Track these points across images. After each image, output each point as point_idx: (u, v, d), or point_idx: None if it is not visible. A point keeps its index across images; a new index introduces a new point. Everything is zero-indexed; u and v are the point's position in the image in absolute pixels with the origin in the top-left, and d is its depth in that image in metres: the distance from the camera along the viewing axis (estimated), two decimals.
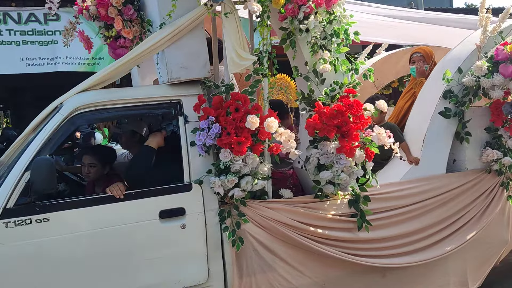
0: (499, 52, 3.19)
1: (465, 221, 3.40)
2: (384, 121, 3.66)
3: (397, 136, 3.51)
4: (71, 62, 8.99)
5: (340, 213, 3.00)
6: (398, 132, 3.53)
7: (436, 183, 3.32)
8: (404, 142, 3.46)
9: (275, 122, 2.45)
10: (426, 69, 3.87)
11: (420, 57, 3.95)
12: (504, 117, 3.35)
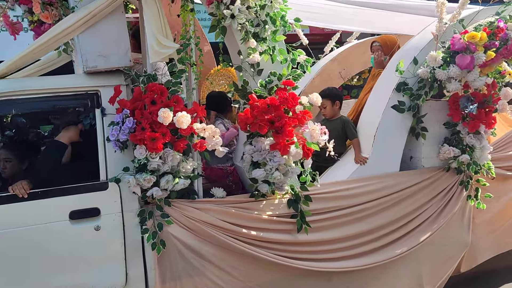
0: (455, 41, 2.96)
1: (419, 222, 3.20)
2: (338, 115, 3.44)
3: (350, 131, 3.31)
4: None
5: (277, 213, 2.80)
6: (351, 127, 3.32)
7: (387, 181, 3.11)
8: (356, 138, 3.25)
9: (186, 117, 2.23)
10: (385, 60, 3.63)
11: (379, 47, 3.72)
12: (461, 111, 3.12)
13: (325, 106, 3.38)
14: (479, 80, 3.01)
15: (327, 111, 3.41)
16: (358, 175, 3.09)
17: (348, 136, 3.31)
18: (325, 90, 3.51)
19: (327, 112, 3.41)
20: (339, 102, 3.42)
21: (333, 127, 3.35)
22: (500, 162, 3.54)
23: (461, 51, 2.96)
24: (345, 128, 3.31)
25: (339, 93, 3.52)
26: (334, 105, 3.39)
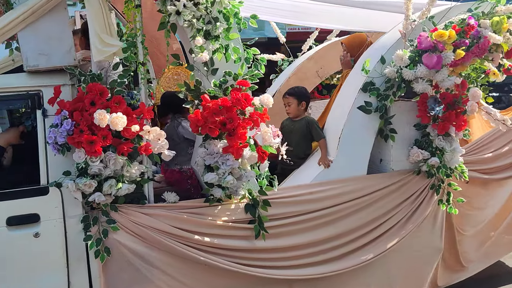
0: (422, 39, 2.83)
1: (388, 227, 3.08)
2: (303, 115, 3.32)
3: (315, 132, 3.19)
4: None
5: (234, 219, 2.68)
6: (317, 127, 3.20)
7: (353, 185, 2.99)
8: (323, 139, 3.13)
9: (121, 118, 2.12)
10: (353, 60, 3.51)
11: (344, 48, 3.60)
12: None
13: (290, 104, 3.27)
14: (448, 80, 2.88)
15: (291, 109, 3.29)
16: (322, 179, 2.97)
17: (314, 137, 3.19)
18: (293, 88, 3.40)
19: (291, 110, 3.29)
20: (305, 103, 3.30)
21: (297, 128, 3.24)
22: (476, 165, 3.42)
23: (429, 50, 2.84)
24: (310, 129, 3.19)
25: (307, 94, 3.40)
26: (300, 105, 3.27)
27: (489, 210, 3.71)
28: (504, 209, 3.76)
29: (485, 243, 3.76)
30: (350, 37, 3.73)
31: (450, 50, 2.82)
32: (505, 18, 2.95)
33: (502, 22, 2.94)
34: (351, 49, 3.55)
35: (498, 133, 3.47)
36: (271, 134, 2.42)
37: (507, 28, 2.99)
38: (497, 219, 3.78)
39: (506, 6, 3.05)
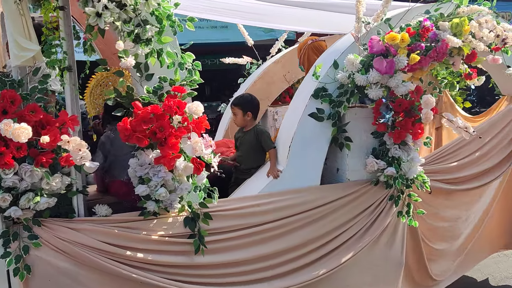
0: (373, 43, 2.68)
1: (343, 240, 2.92)
2: (252, 125, 3.17)
3: (265, 142, 3.04)
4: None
5: (171, 233, 2.52)
6: (266, 137, 3.05)
7: (305, 196, 2.83)
8: (272, 149, 2.98)
9: (24, 129, 1.97)
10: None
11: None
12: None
13: (236, 114, 3.15)
14: (403, 86, 2.73)
15: (237, 119, 3.17)
16: (271, 190, 2.81)
17: (263, 147, 3.04)
18: (238, 97, 3.28)
19: (238, 121, 3.18)
20: (251, 113, 3.15)
21: (247, 138, 3.11)
22: (440, 175, 3.25)
23: (381, 54, 2.68)
24: (260, 139, 3.04)
25: (254, 102, 3.24)
26: (246, 115, 3.13)
27: (463, 223, 3.57)
28: (480, 220, 3.63)
29: (460, 256, 3.62)
30: (310, 39, 3.59)
31: (403, 54, 2.67)
32: (466, 20, 2.80)
33: (462, 24, 2.78)
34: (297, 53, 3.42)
35: (465, 141, 3.30)
36: (202, 144, 2.26)
37: (468, 31, 2.83)
38: (474, 231, 3.65)
39: (470, 7, 2.90)
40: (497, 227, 3.82)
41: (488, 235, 3.74)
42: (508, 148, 3.44)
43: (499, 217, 3.80)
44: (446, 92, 4.64)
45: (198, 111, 2.26)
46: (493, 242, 3.87)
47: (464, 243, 3.61)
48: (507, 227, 3.87)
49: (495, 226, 3.79)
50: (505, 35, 2.80)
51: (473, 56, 2.82)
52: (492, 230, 3.75)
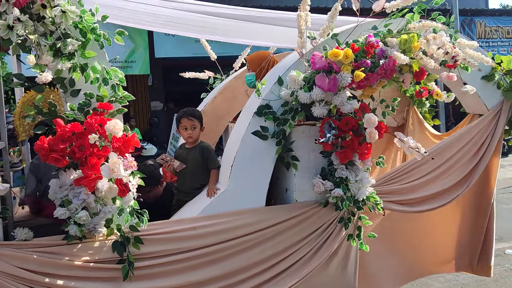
0: (316, 59, 2.57)
1: (288, 264, 2.78)
2: (198, 140, 3.04)
3: (210, 159, 2.92)
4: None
5: (97, 258, 2.37)
6: (213, 155, 2.92)
7: (247, 218, 2.70)
8: (215, 168, 2.85)
9: None
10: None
11: (247, 64, 3.35)
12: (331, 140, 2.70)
13: (195, 127, 3.01)
14: (348, 104, 2.61)
15: (195, 133, 3.03)
16: (211, 212, 2.68)
17: (208, 165, 2.91)
18: (194, 110, 3.12)
19: (195, 135, 3.04)
20: (204, 127, 3.05)
21: (192, 155, 2.98)
22: (394, 196, 3.12)
23: (325, 70, 2.57)
24: (206, 156, 2.91)
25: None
26: (201, 129, 3.02)
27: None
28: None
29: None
30: (254, 55, 3.48)
31: (347, 71, 2.56)
32: (415, 36, 2.70)
33: (411, 41, 2.68)
34: (252, 64, 3.30)
35: (421, 161, 3.18)
36: (120, 165, 2.12)
37: (418, 47, 2.73)
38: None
39: (421, 23, 2.80)
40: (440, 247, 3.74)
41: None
42: (466, 169, 3.32)
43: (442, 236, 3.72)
44: (415, 109, 4.55)
45: (116, 129, 2.13)
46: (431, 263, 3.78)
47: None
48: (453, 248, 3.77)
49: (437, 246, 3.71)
50: (455, 52, 2.70)
51: (421, 74, 2.71)
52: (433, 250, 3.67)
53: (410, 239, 3.62)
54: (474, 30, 13.82)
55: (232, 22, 3.23)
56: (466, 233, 3.80)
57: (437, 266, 3.85)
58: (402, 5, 2.74)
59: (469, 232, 3.80)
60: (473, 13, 13.76)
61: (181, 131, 3.06)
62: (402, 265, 3.62)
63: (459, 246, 3.81)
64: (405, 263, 3.63)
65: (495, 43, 13.95)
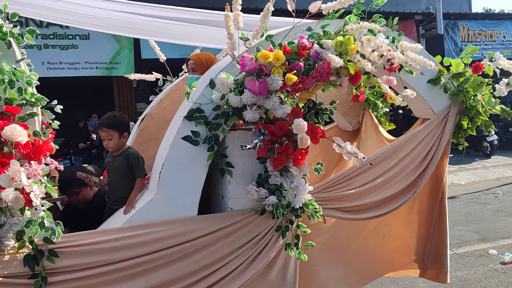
0: (245, 61, 2.45)
1: (221, 275, 2.66)
2: (124, 147, 2.90)
3: (136, 167, 2.78)
4: (89, 67, 9.51)
5: (6, 273, 2.20)
6: (139, 162, 2.78)
7: (176, 229, 2.56)
8: (140, 178, 2.72)
9: None
10: None
11: (192, 65, 3.22)
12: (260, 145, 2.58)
13: (110, 138, 2.83)
14: (280, 108, 2.51)
15: (112, 143, 2.85)
16: (137, 221, 2.53)
17: (134, 173, 2.77)
18: (109, 118, 2.89)
19: (112, 145, 2.85)
20: (127, 133, 2.89)
21: (118, 163, 2.82)
22: (336, 203, 3.03)
23: (255, 73, 2.46)
24: (131, 164, 2.77)
25: (127, 121, 2.98)
26: (122, 137, 2.86)
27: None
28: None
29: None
30: (200, 54, 3.36)
31: (278, 74, 2.45)
32: (351, 38, 2.61)
33: (347, 43, 2.59)
34: (202, 68, 3.17)
35: (364, 167, 3.10)
36: (22, 173, 1.97)
37: (355, 50, 2.64)
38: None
39: (359, 25, 2.72)
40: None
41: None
42: (413, 175, 3.25)
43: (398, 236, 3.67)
44: (370, 112, 4.49)
45: (15, 135, 1.97)
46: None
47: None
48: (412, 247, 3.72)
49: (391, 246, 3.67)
50: (391, 55, 2.62)
51: (357, 77, 2.62)
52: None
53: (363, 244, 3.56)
54: (457, 34, 13.98)
55: (182, 25, 3.12)
56: (417, 237, 3.75)
57: (390, 267, 3.80)
58: (339, 7, 2.65)
59: (420, 237, 3.75)
60: (457, 17, 13.93)
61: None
62: (354, 270, 3.55)
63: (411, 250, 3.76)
64: (358, 268, 3.55)
65: (479, 46, 14.16)
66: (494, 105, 3.36)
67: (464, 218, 7.14)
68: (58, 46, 9.55)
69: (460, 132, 3.46)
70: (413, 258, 3.78)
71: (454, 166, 11.34)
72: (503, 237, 5.99)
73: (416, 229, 3.73)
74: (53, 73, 9.30)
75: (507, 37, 14.58)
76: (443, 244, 3.66)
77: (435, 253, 3.68)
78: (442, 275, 3.71)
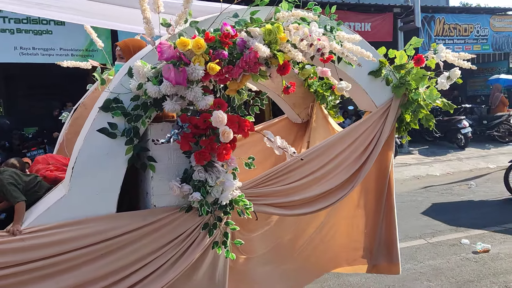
0: (164, 48, 2.28)
1: (142, 275, 2.52)
2: None
3: (7, 194, 2.56)
4: (64, 53, 9.18)
5: None
6: (8, 187, 2.55)
7: (90, 228, 2.39)
8: (19, 202, 2.51)
9: None
10: None
11: (119, 52, 3.03)
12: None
13: None
14: (202, 99, 2.35)
15: None
16: (47, 220, 2.35)
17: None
18: None
19: None
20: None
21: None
22: (272, 199, 2.91)
23: (175, 61, 2.29)
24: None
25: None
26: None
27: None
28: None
29: None
30: (128, 40, 3.16)
31: (200, 62, 2.29)
32: (280, 26, 2.47)
33: (276, 32, 2.45)
34: (129, 55, 2.98)
35: (301, 162, 2.98)
36: None
37: (285, 39, 2.51)
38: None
39: (292, 12, 2.58)
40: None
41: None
42: (352, 168, 3.16)
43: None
44: (319, 105, 4.39)
45: None
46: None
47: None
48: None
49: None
50: (321, 44, 2.49)
51: (285, 68, 2.49)
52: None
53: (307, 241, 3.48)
54: (432, 27, 14.08)
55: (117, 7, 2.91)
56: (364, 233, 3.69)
57: (335, 264, 3.74)
58: None
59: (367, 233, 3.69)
60: (434, 10, 14.02)
61: None
62: (298, 267, 3.47)
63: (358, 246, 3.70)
64: (301, 266, 3.48)
65: (451, 41, 14.30)
66: (435, 99, 3.29)
67: (438, 208, 7.25)
68: (31, 31, 9.08)
69: (402, 126, 3.39)
70: (361, 254, 3.72)
71: (429, 158, 11.53)
72: (475, 227, 6.11)
73: (363, 225, 3.67)
74: (26, 59, 8.85)
75: (480, 32, 14.80)
76: (392, 237, 3.61)
77: (385, 247, 3.63)
78: (393, 267, 3.67)
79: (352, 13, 12.11)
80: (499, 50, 15.31)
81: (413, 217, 6.72)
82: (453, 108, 3.33)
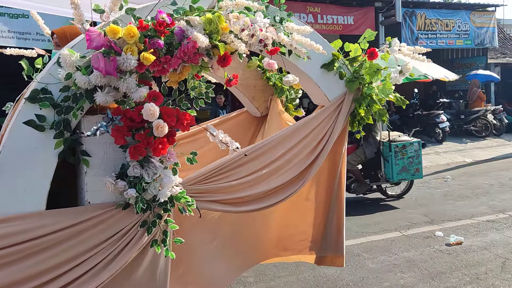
0: (92, 36, 2.14)
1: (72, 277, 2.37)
2: None
3: None
4: (41, 39, 8.70)
5: None
6: None
7: (16, 226, 2.25)
8: None
9: None
10: None
11: (56, 39, 2.87)
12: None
13: None
14: (136, 91, 2.23)
15: None
16: None
17: None
18: None
19: None
20: None
21: None
22: (217, 195, 2.81)
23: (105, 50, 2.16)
24: None
25: None
26: None
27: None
28: None
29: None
30: (66, 27, 3.00)
31: (132, 52, 2.16)
32: (221, 16, 2.35)
33: (217, 21, 2.33)
34: (62, 40, 2.82)
35: (244, 159, 2.88)
36: None
37: (228, 29, 2.40)
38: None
39: (235, 1, 2.47)
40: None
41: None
42: (303, 164, 3.09)
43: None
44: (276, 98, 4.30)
45: None
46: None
47: None
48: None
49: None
50: (263, 35, 2.39)
51: (226, 59, 2.38)
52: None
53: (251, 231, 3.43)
54: (414, 22, 14.14)
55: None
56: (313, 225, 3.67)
57: (278, 252, 3.72)
58: None
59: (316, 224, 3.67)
60: (415, 5, 14.08)
61: None
62: (239, 255, 3.43)
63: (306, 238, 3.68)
64: (243, 253, 3.44)
65: (434, 35, 14.40)
66: (388, 93, 3.24)
67: (414, 201, 7.35)
68: (7, 14, 8.69)
69: (355, 121, 3.33)
70: (309, 246, 3.70)
71: None
72: (449, 220, 6.21)
73: (312, 217, 3.64)
74: (1, 42, 8.45)
75: (461, 27, 14.98)
76: (339, 230, 3.58)
77: (332, 239, 3.60)
78: (337, 260, 3.65)
79: (333, 6, 12.11)
80: (481, 45, 15.57)
81: (390, 210, 6.78)
82: (406, 104, 3.29)
